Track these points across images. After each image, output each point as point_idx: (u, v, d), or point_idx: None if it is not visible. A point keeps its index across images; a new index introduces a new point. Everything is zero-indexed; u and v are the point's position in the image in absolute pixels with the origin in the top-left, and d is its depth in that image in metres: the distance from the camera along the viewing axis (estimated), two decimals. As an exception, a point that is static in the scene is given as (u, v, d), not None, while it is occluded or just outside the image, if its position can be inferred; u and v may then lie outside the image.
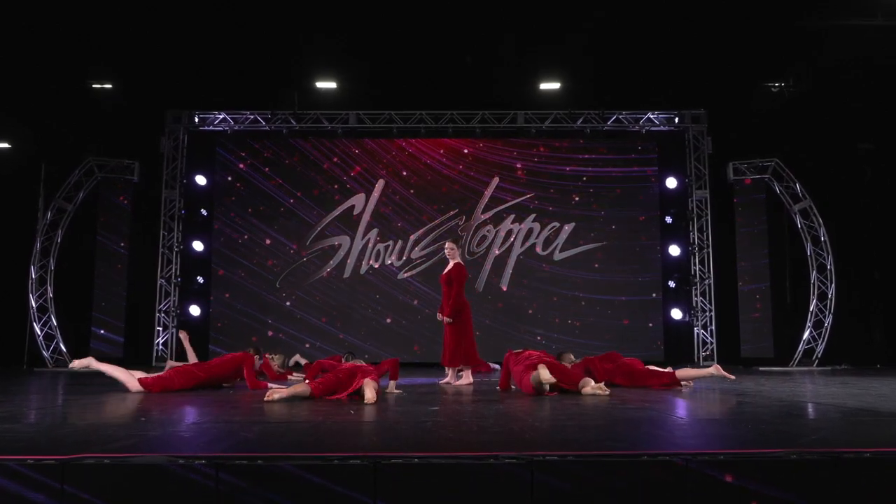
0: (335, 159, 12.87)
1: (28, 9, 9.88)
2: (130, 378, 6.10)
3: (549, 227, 12.71)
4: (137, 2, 9.86)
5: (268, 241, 12.66)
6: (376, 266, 12.63)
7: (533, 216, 12.74)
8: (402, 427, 3.56)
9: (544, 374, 5.60)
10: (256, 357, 6.91)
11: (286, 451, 2.75)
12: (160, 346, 12.20)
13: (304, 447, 2.91)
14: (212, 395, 5.73)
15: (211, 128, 12.82)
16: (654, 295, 12.60)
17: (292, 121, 12.66)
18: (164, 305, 12.32)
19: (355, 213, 12.74)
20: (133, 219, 12.37)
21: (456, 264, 7.53)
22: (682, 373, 6.71)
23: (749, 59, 11.29)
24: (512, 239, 12.69)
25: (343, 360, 7.37)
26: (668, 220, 12.73)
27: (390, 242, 12.69)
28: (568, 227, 12.70)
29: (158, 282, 12.33)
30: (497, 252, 12.67)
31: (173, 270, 12.39)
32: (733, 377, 6.82)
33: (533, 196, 12.76)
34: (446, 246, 7.63)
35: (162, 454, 2.59)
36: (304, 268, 12.62)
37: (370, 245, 12.68)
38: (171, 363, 7.89)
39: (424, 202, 12.79)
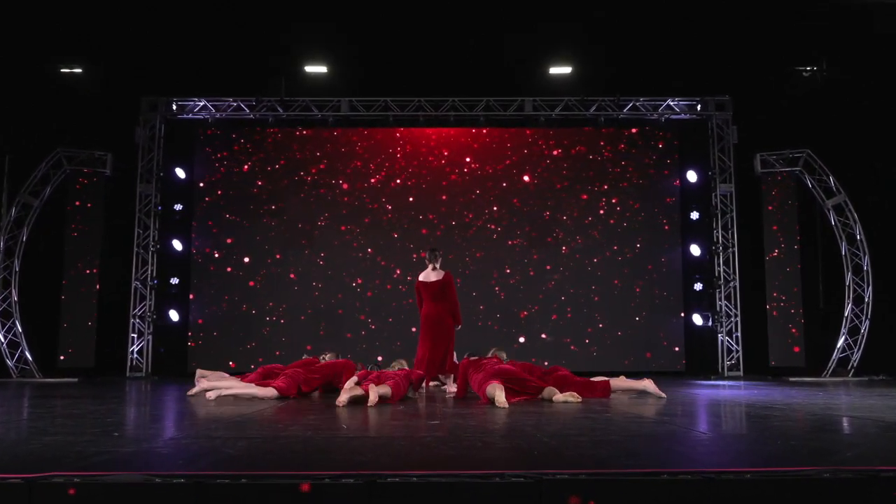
0: (327, 148, 12.87)
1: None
2: (261, 389, 6.62)
3: (557, 222, 12.72)
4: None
5: (253, 240, 12.66)
6: (368, 266, 12.64)
7: (542, 210, 12.74)
8: (400, 442, 3.56)
9: (499, 397, 5.75)
10: (358, 365, 7.59)
11: (273, 469, 2.75)
12: (135, 355, 12.21)
13: (293, 465, 2.91)
14: (191, 408, 5.74)
15: (190, 116, 12.83)
16: (673, 298, 12.61)
17: (279, 108, 12.66)
18: (140, 310, 12.32)
19: (348, 210, 12.75)
20: (105, 216, 12.37)
21: (447, 272, 8.38)
22: (616, 382, 6.94)
23: (779, 40, 11.26)
24: (518, 234, 12.69)
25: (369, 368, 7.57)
26: (693, 216, 12.70)
27: (385, 241, 12.70)
28: (578, 224, 12.70)
29: (133, 284, 12.33)
30: (501, 247, 12.67)
31: (149, 272, 12.40)
32: (664, 395, 6.66)
33: (541, 188, 12.76)
34: (430, 255, 8.42)
35: (138, 472, 2.59)
36: (292, 269, 12.62)
37: (364, 245, 12.68)
38: (203, 372, 8.04)
39: (423, 202, 12.76)
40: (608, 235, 12.73)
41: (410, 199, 12.79)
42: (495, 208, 12.79)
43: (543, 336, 12.48)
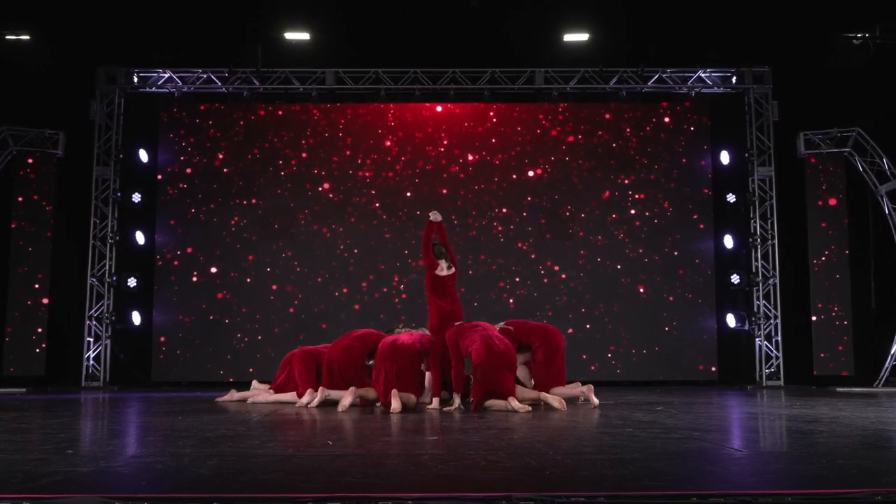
0: (307, 131, 12.84)
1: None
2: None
3: (573, 211, 12.70)
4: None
5: (226, 231, 12.65)
6: (355, 268, 12.59)
7: (555, 196, 12.74)
8: (392, 461, 3.57)
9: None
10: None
11: (248, 492, 2.75)
12: (91, 362, 12.21)
13: (270, 486, 2.92)
14: (155, 422, 5.74)
15: (154, 89, 12.80)
16: (704, 297, 12.60)
17: (255, 81, 12.64)
18: (96, 311, 12.32)
19: (334, 197, 12.71)
20: (58, 203, 12.35)
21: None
22: (554, 389, 7.31)
23: (825, 2, 11.23)
24: (531, 225, 12.67)
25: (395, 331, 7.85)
26: (729, 198, 12.66)
27: (376, 243, 12.63)
28: (597, 213, 12.70)
29: (89, 281, 12.33)
30: (514, 238, 12.66)
31: (107, 267, 12.38)
32: (597, 402, 7.10)
33: (554, 173, 12.75)
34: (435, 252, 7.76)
35: (95, 495, 2.59)
36: (268, 264, 12.60)
37: (348, 238, 12.65)
38: (258, 385, 8.56)
39: (420, 197, 12.68)
40: (630, 230, 12.67)
41: (408, 194, 12.72)
42: (504, 208, 12.71)
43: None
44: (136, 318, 12.44)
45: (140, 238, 12.61)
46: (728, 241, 12.70)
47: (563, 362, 7.67)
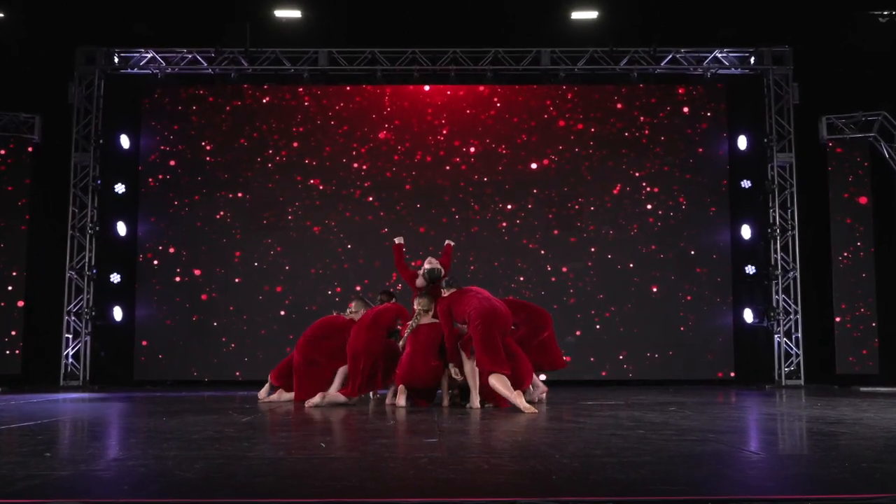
0: (298, 118, 12.81)
1: None
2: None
3: (582, 201, 12.70)
4: None
5: (211, 224, 12.64)
6: (349, 267, 12.58)
7: (563, 188, 12.73)
8: (390, 464, 3.57)
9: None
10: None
11: (237, 497, 2.75)
12: (70, 360, 12.22)
13: (261, 491, 2.92)
14: (138, 423, 5.75)
15: (135, 71, 12.79)
16: (720, 291, 12.61)
17: (243, 61, 12.62)
18: (76, 306, 12.33)
19: (328, 188, 12.69)
20: (33, 191, 12.36)
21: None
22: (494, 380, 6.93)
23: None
24: (538, 219, 12.66)
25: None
26: (742, 188, 12.68)
27: (372, 238, 12.61)
28: (607, 202, 12.70)
29: (67, 274, 12.33)
30: (519, 234, 12.65)
31: (87, 260, 12.39)
32: (534, 410, 6.52)
33: (560, 161, 12.74)
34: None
35: (74, 500, 2.60)
36: (256, 259, 12.59)
37: (341, 233, 12.63)
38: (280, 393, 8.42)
39: (418, 190, 12.66)
40: (643, 225, 12.67)
41: (407, 187, 12.73)
42: (509, 202, 12.69)
43: (568, 338, 12.45)
44: (118, 313, 12.45)
45: (122, 229, 12.62)
46: (746, 232, 12.69)
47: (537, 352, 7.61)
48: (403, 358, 7.29)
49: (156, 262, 12.61)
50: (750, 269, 12.56)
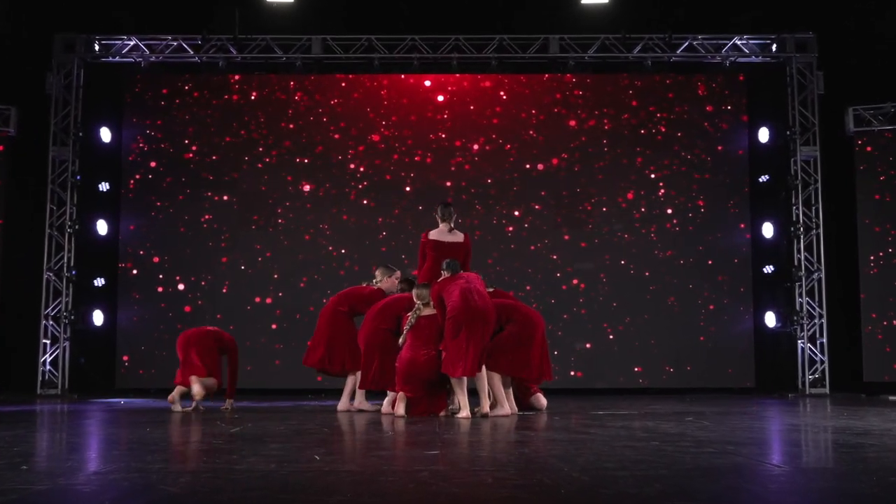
0: (290, 112, 12.79)
1: None
2: None
3: (594, 199, 12.70)
4: None
5: (196, 225, 12.63)
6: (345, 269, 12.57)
7: (574, 184, 12.72)
8: (388, 477, 3.58)
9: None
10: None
11: (225, 512, 2.76)
12: (47, 367, 12.22)
13: (251, 506, 2.92)
14: (121, 434, 5.75)
15: (117, 59, 12.78)
16: (739, 292, 12.60)
17: (232, 49, 12.62)
18: (53, 309, 12.32)
19: (321, 188, 12.68)
20: (8, 187, 12.37)
21: (466, 235, 8.45)
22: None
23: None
24: (546, 223, 12.66)
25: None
26: (763, 184, 12.66)
27: (370, 243, 12.59)
28: (620, 199, 12.69)
29: (45, 276, 12.32)
30: (527, 238, 12.65)
31: (65, 260, 12.38)
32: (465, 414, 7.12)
33: (569, 157, 12.73)
34: (442, 211, 8.37)
35: (52, 515, 2.60)
36: (244, 264, 12.58)
37: (336, 237, 12.62)
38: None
39: (419, 191, 12.61)
40: (660, 228, 12.63)
41: (407, 188, 12.70)
42: (515, 204, 12.66)
43: (577, 348, 12.44)
44: (99, 317, 12.45)
45: (102, 228, 12.60)
46: (767, 231, 12.66)
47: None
48: (403, 350, 7.45)
49: (137, 262, 12.58)
50: (768, 269, 12.54)
